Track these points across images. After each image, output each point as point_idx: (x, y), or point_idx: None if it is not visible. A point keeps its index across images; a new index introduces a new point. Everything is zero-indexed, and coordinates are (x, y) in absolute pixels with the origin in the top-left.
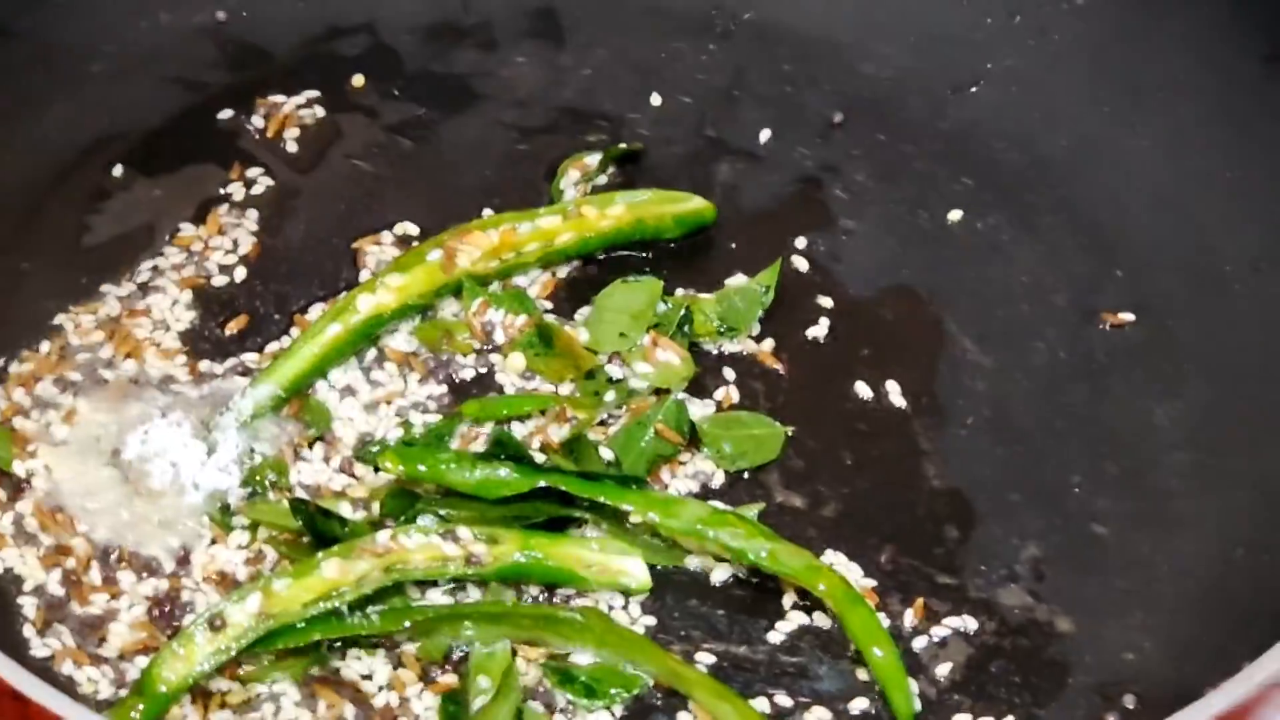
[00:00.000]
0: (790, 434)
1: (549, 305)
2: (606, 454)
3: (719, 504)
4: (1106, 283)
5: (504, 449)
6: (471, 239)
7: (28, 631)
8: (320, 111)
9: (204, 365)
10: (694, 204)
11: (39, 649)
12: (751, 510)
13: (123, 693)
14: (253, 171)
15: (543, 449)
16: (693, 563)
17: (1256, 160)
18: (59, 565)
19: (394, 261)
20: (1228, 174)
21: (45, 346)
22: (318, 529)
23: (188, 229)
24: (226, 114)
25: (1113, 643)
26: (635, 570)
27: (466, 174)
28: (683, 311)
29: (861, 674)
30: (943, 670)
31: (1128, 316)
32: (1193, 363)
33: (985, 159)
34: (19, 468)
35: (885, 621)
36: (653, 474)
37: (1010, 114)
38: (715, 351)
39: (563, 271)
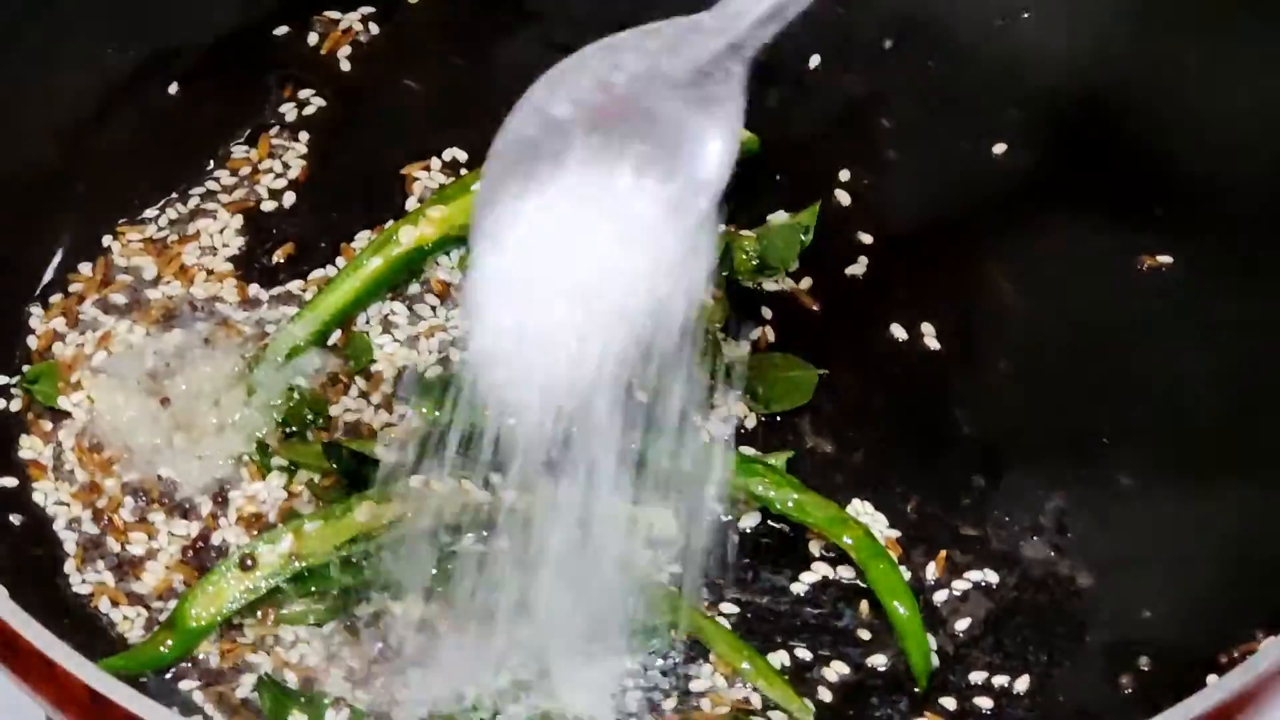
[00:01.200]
0: (823, 376)
1: None
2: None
3: (749, 450)
4: (1147, 223)
5: None
6: None
7: (68, 567)
8: (375, 29)
9: (252, 290)
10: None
11: (79, 585)
12: (780, 458)
13: None
14: (305, 92)
15: None
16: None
17: None
18: (93, 504)
19: (438, 191)
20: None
21: (88, 268)
22: (351, 472)
23: (239, 151)
24: (282, 30)
25: (1131, 600)
26: (662, 520)
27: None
28: (723, 249)
29: (880, 629)
30: (961, 625)
31: (1165, 259)
32: (1230, 311)
33: (1033, 90)
34: (63, 402)
35: (907, 575)
36: None
37: (1060, 42)
38: (754, 288)
39: None
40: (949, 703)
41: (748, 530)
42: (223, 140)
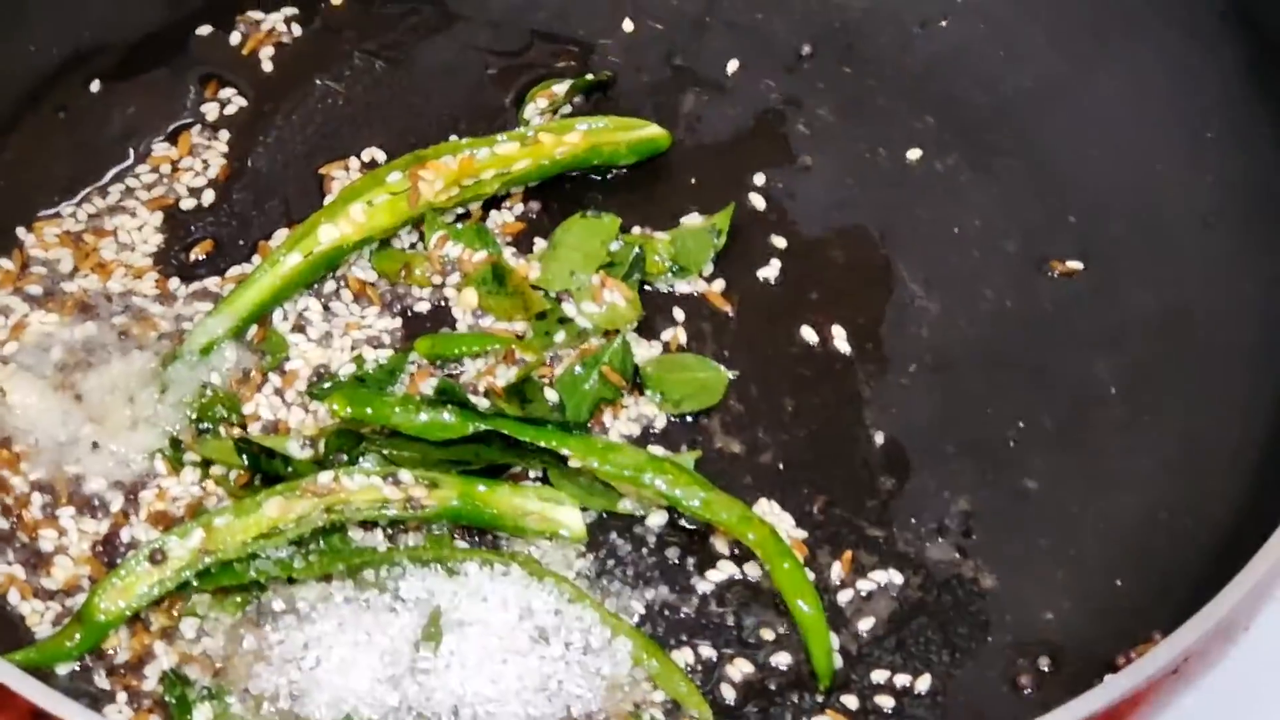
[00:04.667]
0: (733, 378)
1: (509, 240)
2: (551, 396)
3: (658, 449)
4: (1058, 230)
5: (449, 395)
6: (431, 166)
7: None
8: (298, 30)
9: (171, 284)
10: (649, 131)
11: None
12: (689, 458)
13: None
14: (226, 92)
15: (487, 394)
16: (628, 505)
17: (1212, 115)
18: (1, 500)
19: (353, 184)
20: (1184, 128)
21: (5, 263)
22: (262, 467)
23: (160, 149)
24: (205, 29)
25: (1034, 602)
26: (571, 520)
27: (436, 99)
28: (635, 251)
29: (784, 628)
30: (865, 625)
31: (1076, 265)
32: (1136, 316)
33: (947, 97)
34: None
35: (812, 576)
36: (595, 417)
37: (975, 52)
38: (667, 290)
39: (527, 209)
40: (851, 701)
41: (655, 529)
42: (143, 138)
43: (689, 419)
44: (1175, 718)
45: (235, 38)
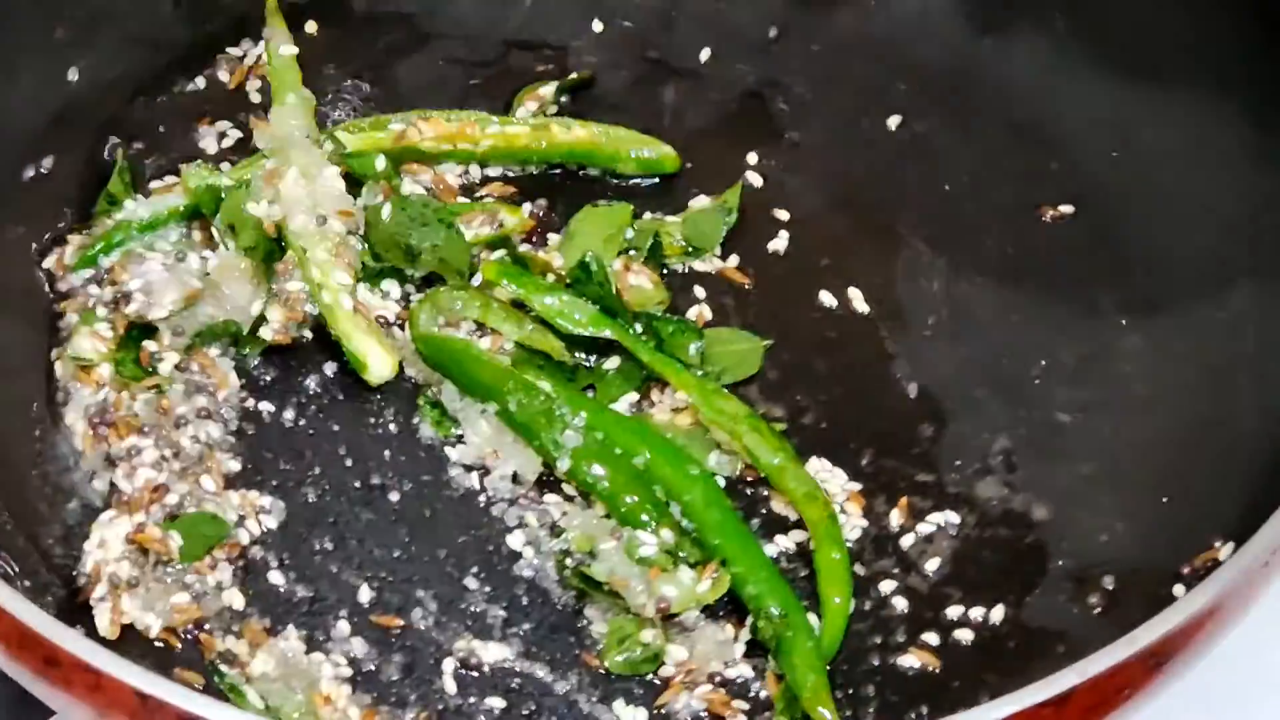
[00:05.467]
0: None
1: (522, 238)
2: None
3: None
4: (1044, 177)
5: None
6: (433, 121)
7: None
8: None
9: None
10: (660, 150)
11: None
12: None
13: None
14: (222, 124)
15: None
16: (712, 463)
17: (1181, 54)
18: None
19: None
20: (1152, 62)
21: None
22: None
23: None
24: (197, 80)
25: (1087, 526)
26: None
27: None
28: (651, 236)
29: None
30: (931, 565)
31: (1067, 209)
32: (1132, 250)
33: (916, 63)
34: None
35: (870, 525)
36: (644, 394)
37: (934, 16)
38: (683, 271)
39: (535, 205)
40: (932, 639)
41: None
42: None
43: (728, 389)
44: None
45: (222, 75)
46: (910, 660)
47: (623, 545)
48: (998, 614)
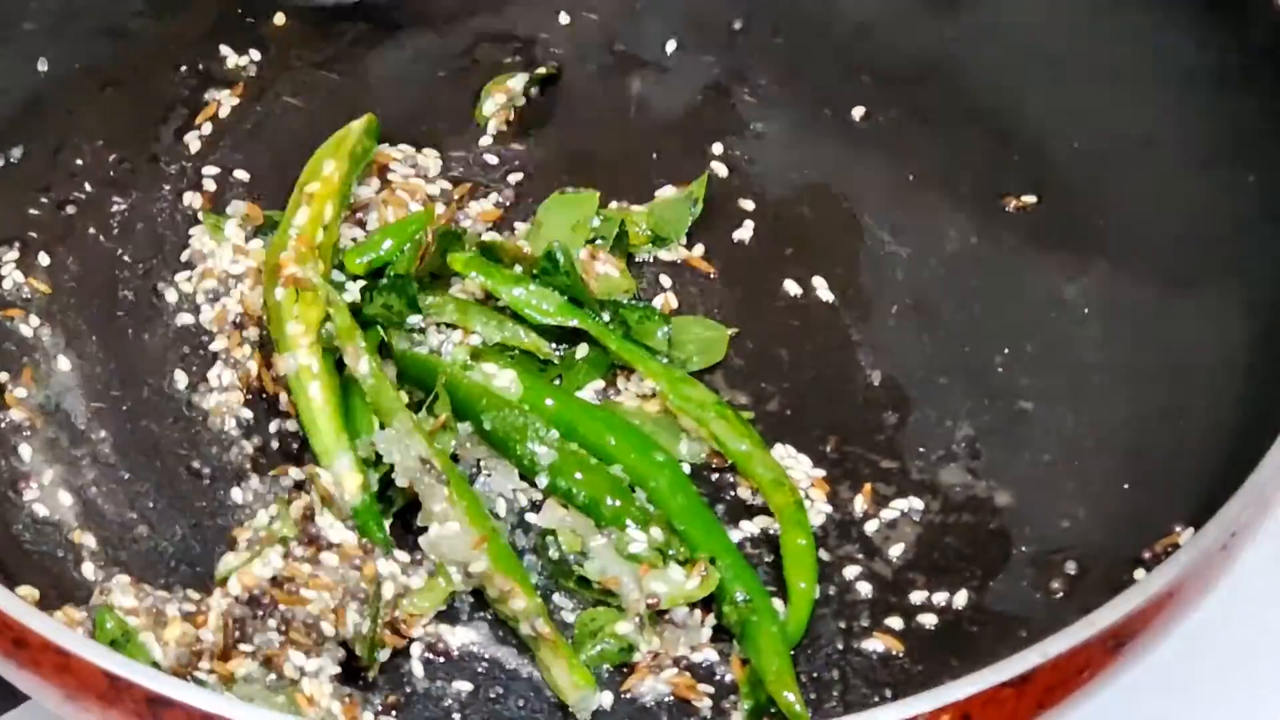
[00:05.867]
0: (732, 335)
1: (489, 226)
2: None
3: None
4: (1006, 167)
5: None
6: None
7: None
8: (255, 55)
9: None
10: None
11: None
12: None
13: None
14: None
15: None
16: (683, 451)
17: (1141, 40)
18: None
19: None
20: (1113, 53)
21: None
22: None
23: None
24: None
25: (1049, 512)
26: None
27: (393, 105)
28: (619, 224)
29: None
30: (895, 550)
31: (1030, 199)
32: (1094, 238)
33: (879, 54)
34: None
35: (834, 511)
36: (610, 381)
37: (898, 8)
38: (649, 260)
39: (503, 197)
40: (895, 623)
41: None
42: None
43: (694, 377)
44: None
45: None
46: (874, 644)
47: (612, 542)
48: (961, 599)
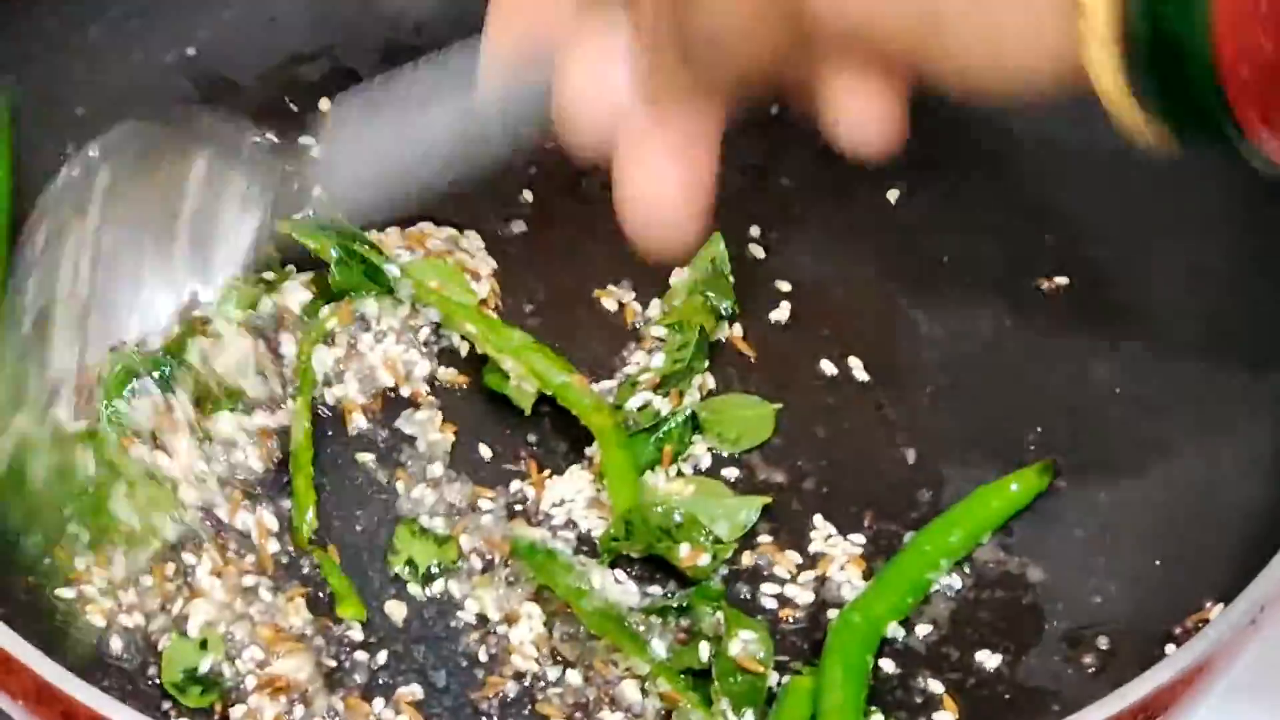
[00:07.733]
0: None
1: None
2: None
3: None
4: (1039, 250)
5: None
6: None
7: None
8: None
9: None
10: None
11: None
12: (758, 502)
13: None
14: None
15: None
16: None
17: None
18: None
19: None
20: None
21: None
22: None
23: None
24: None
25: (1081, 588)
26: None
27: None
28: None
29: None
30: (929, 626)
31: (1062, 280)
32: (1125, 320)
33: (915, 137)
34: None
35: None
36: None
37: (932, 92)
38: None
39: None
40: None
41: None
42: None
43: (733, 455)
44: None
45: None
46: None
47: None
48: (994, 672)
